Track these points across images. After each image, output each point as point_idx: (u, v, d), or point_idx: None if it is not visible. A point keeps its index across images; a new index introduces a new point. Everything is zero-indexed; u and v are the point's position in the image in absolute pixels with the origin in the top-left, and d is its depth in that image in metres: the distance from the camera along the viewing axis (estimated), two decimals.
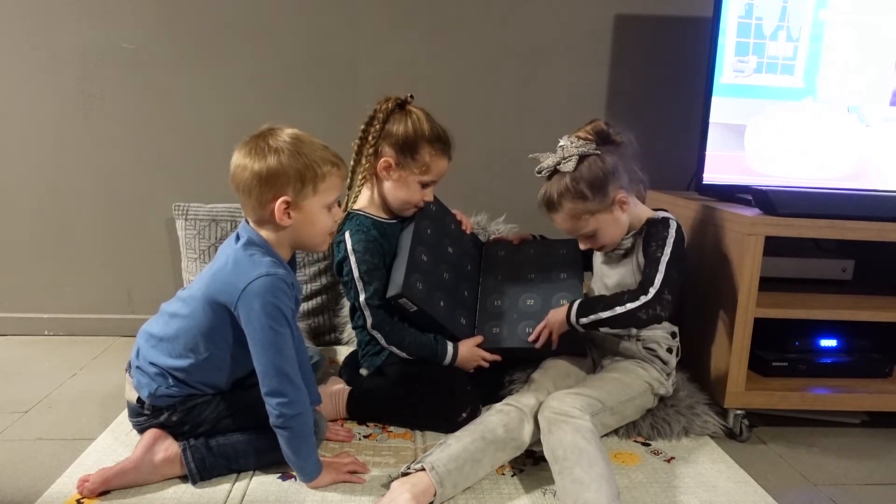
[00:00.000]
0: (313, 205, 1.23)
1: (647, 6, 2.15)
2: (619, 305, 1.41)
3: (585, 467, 1.17)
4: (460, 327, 1.60)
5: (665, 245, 1.43)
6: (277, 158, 1.18)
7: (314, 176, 1.21)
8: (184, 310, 1.26)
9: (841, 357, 1.70)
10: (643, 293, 1.39)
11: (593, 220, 1.46)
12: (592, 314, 1.44)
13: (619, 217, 1.47)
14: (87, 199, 2.12)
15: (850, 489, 1.38)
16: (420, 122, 1.54)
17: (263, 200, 1.20)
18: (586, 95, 2.16)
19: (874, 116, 1.80)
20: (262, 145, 1.20)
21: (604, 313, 1.42)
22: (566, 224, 1.48)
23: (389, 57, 2.12)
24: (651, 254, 1.44)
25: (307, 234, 1.26)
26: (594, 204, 1.43)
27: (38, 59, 2.03)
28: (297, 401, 1.19)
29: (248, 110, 2.08)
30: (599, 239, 1.49)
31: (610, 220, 1.46)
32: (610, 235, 1.49)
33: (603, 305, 1.43)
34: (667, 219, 1.48)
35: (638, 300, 1.39)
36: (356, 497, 1.24)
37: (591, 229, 1.47)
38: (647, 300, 1.38)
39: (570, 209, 1.45)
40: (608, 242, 1.50)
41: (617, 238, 1.50)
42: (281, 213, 1.20)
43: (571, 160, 1.42)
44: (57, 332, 2.18)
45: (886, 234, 1.54)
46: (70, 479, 1.25)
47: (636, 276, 1.49)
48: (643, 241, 1.48)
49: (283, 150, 1.19)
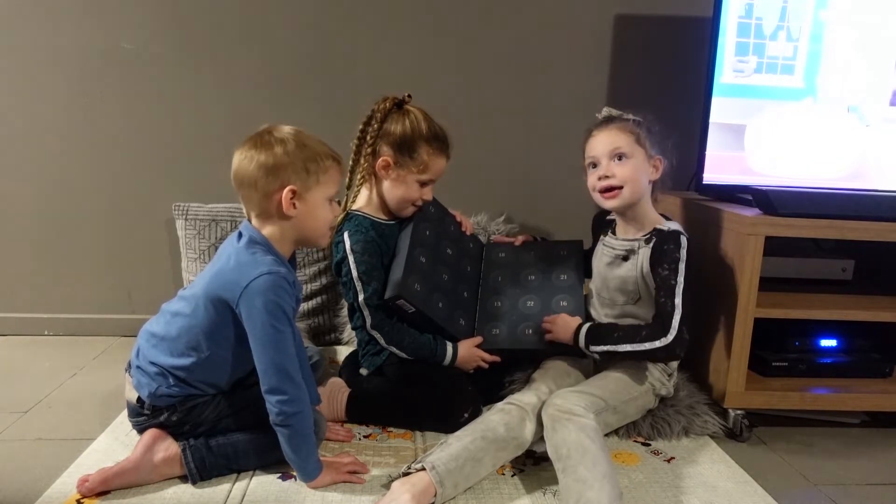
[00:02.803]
0: (317, 196, 1.24)
1: (647, 6, 2.15)
2: (636, 343, 1.41)
3: (589, 466, 1.17)
4: (459, 328, 1.60)
5: (678, 271, 1.42)
6: (284, 148, 1.21)
7: (317, 167, 1.23)
8: (186, 309, 1.26)
9: (841, 357, 1.70)
10: (662, 335, 1.39)
11: (633, 148, 1.48)
12: (605, 345, 1.44)
13: (646, 172, 1.49)
14: (88, 198, 2.12)
15: (850, 489, 1.38)
16: (418, 121, 1.54)
17: (270, 190, 1.21)
18: (586, 95, 2.16)
19: (874, 116, 1.79)
20: (266, 138, 1.23)
21: (619, 347, 1.42)
22: (615, 133, 1.49)
23: (389, 57, 2.12)
24: (664, 280, 1.42)
25: (310, 226, 1.27)
26: (646, 139, 1.48)
27: (39, 59, 2.03)
28: (298, 399, 1.19)
29: (248, 110, 2.08)
30: (623, 168, 1.47)
31: (641, 164, 1.48)
32: (631, 175, 1.47)
33: (617, 338, 1.43)
34: (677, 234, 1.46)
35: (657, 341, 1.39)
36: (356, 497, 1.24)
37: (625, 150, 1.47)
38: (667, 343, 1.38)
39: (626, 126, 1.49)
40: (625, 180, 1.46)
41: (632, 188, 1.47)
42: (287, 202, 1.21)
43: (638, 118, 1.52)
44: (57, 332, 2.18)
45: (886, 234, 1.54)
46: (70, 479, 1.25)
47: (639, 283, 1.48)
48: (652, 254, 1.46)
49: (288, 140, 1.22)
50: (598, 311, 1.59)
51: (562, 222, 1.75)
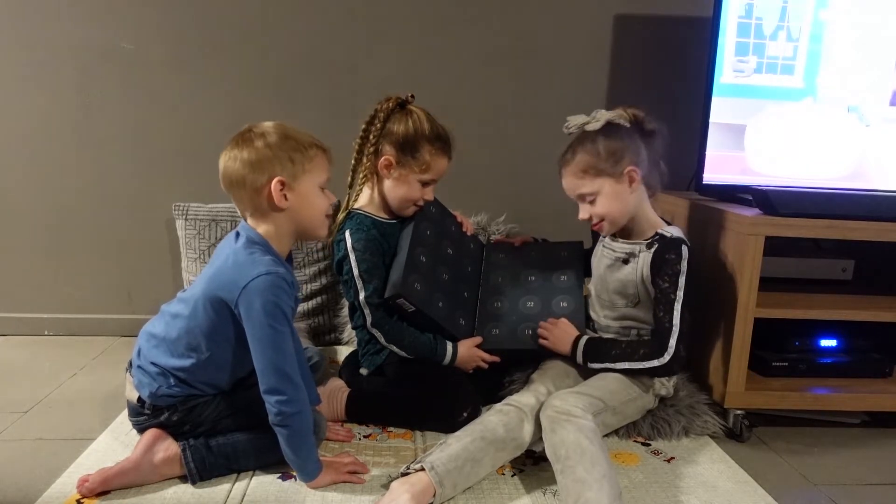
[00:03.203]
0: (306, 184, 1.24)
1: (647, 6, 2.15)
2: (633, 362, 1.42)
3: (588, 467, 1.17)
4: (459, 328, 1.60)
5: (678, 285, 1.41)
6: (265, 141, 1.22)
7: (302, 156, 1.23)
8: (185, 310, 1.26)
9: (841, 357, 1.70)
10: (659, 354, 1.40)
11: (598, 182, 1.44)
12: (603, 362, 1.45)
13: (624, 191, 1.44)
14: (88, 198, 2.12)
15: (850, 489, 1.38)
16: (420, 121, 1.55)
17: (258, 186, 1.21)
18: (586, 95, 2.16)
19: (874, 116, 1.79)
20: (247, 136, 1.23)
21: (616, 364, 1.43)
22: (572, 178, 1.46)
23: (389, 57, 2.12)
24: (664, 293, 1.42)
25: (306, 215, 1.27)
26: (604, 164, 1.42)
27: (38, 59, 2.03)
28: (296, 399, 1.19)
29: (247, 110, 2.07)
30: (599, 206, 1.46)
31: (614, 189, 1.44)
32: (610, 206, 1.45)
33: (615, 356, 1.44)
34: (679, 242, 1.44)
35: (654, 360, 1.40)
36: (356, 497, 1.24)
37: (592, 190, 1.44)
38: (664, 363, 1.39)
39: (580, 161, 1.44)
40: (606, 213, 1.46)
41: (616, 215, 1.47)
42: (278, 193, 1.21)
43: (600, 121, 1.43)
44: (57, 332, 2.18)
45: (886, 234, 1.54)
46: (70, 479, 1.25)
47: (639, 287, 1.48)
48: (653, 261, 1.45)
49: (269, 134, 1.23)
50: (597, 312, 1.59)
51: (562, 223, 1.75)
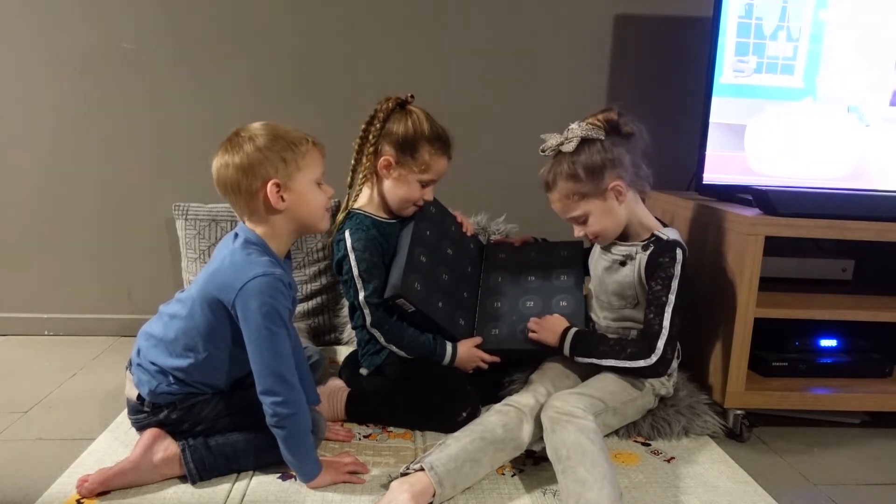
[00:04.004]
0: (302, 182, 1.23)
1: (647, 6, 2.15)
2: (619, 360, 1.41)
3: (588, 467, 1.17)
4: (459, 328, 1.60)
5: (670, 288, 1.41)
6: (253, 144, 1.21)
7: (294, 154, 1.22)
8: (182, 311, 1.26)
9: (841, 357, 1.70)
10: (646, 355, 1.39)
11: (584, 204, 1.45)
12: (589, 357, 1.45)
13: (613, 206, 1.45)
14: (87, 198, 2.12)
15: (850, 489, 1.38)
16: (420, 121, 1.55)
17: (253, 190, 1.21)
18: (586, 95, 2.16)
19: (874, 116, 1.79)
20: (235, 140, 1.22)
21: (603, 361, 1.43)
22: (558, 204, 1.48)
23: (389, 57, 2.12)
24: (656, 295, 1.42)
25: (305, 212, 1.26)
26: (587, 187, 1.43)
27: (39, 59, 2.03)
28: (292, 400, 1.19)
29: (247, 110, 2.06)
30: (591, 226, 1.47)
31: (602, 208, 1.45)
32: (602, 224, 1.46)
33: (602, 352, 1.44)
34: (674, 245, 1.44)
35: (641, 360, 1.40)
36: (356, 497, 1.24)
37: (581, 213, 1.46)
38: (651, 364, 1.39)
39: (563, 188, 1.44)
40: (600, 231, 1.48)
41: (611, 229, 1.48)
42: (275, 196, 1.21)
43: (573, 141, 1.42)
44: (57, 332, 2.18)
45: (886, 234, 1.53)
46: (70, 479, 1.25)
47: (637, 288, 1.48)
48: (647, 263, 1.45)
49: (258, 136, 1.22)
50: (597, 313, 1.59)
51: (561, 223, 1.74)
